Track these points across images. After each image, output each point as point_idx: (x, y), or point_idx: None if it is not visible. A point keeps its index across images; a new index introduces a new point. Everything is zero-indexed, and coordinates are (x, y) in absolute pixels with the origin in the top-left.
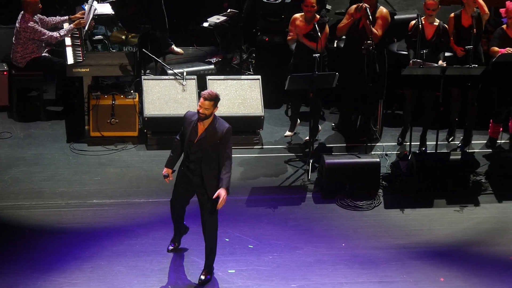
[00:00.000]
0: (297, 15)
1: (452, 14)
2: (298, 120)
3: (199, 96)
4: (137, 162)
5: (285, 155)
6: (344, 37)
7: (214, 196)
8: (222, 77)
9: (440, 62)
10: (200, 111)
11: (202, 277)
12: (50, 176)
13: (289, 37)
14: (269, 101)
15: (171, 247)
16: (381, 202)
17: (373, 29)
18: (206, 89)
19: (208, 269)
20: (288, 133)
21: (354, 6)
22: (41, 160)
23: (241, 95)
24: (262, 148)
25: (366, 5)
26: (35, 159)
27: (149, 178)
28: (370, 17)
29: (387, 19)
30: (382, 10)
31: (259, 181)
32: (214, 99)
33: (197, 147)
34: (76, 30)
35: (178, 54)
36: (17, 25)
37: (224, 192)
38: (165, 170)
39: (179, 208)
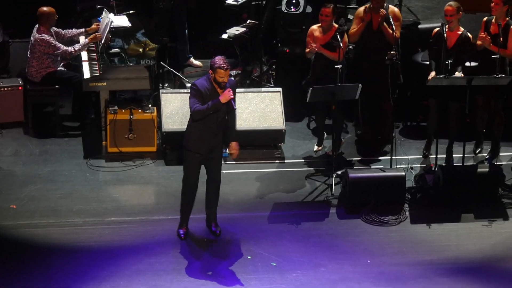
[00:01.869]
0: (314, 26)
1: (485, 18)
2: (325, 134)
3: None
4: (155, 178)
5: (307, 169)
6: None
7: (232, 150)
8: (242, 89)
9: (457, 73)
10: (225, 80)
11: (217, 231)
12: (67, 193)
13: (307, 50)
14: (290, 114)
15: (182, 233)
16: (407, 217)
17: (394, 34)
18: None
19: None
20: (316, 147)
21: (362, 8)
22: (58, 177)
23: (261, 108)
24: (284, 162)
25: (382, 11)
26: (52, 176)
27: (168, 194)
28: (391, 21)
29: (400, 18)
30: (394, 9)
31: (280, 196)
32: (229, 65)
33: (224, 108)
34: (92, 43)
35: (197, 67)
36: (32, 38)
37: (236, 144)
38: None
39: (196, 187)
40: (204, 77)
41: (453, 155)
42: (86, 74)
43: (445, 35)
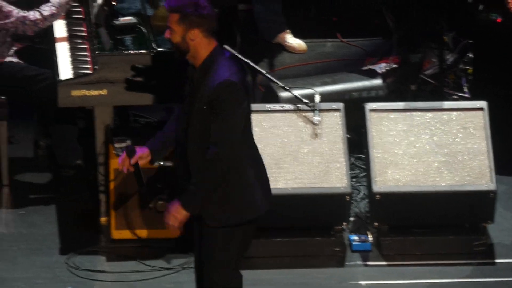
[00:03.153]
0: None
1: None
2: None
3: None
4: None
5: None
6: None
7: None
8: (400, 104)
9: None
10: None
11: None
12: None
13: None
14: (503, 159)
15: None
16: None
17: None
18: (365, 129)
19: None
20: None
21: None
22: None
23: (447, 143)
24: (494, 264)
25: None
26: None
27: None
28: None
29: None
30: None
31: None
32: (181, 9)
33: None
34: (77, 3)
35: (298, 53)
36: None
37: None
38: None
39: None
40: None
41: None
42: (65, 72)
43: None
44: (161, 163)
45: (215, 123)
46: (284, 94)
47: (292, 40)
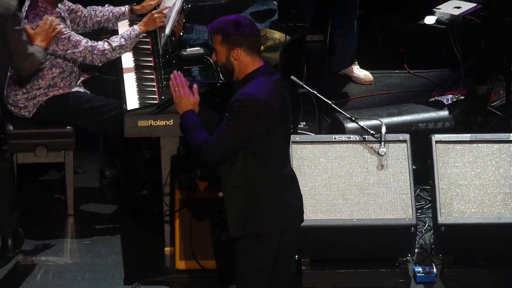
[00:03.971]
0: None
1: None
2: None
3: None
4: None
5: None
6: None
7: None
8: (467, 136)
9: None
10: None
11: None
12: None
13: None
14: None
15: None
16: None
17: None
18: (431, 160)
19: None
20: None
21: None
22: None
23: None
24: None
25: None
26: None
27: None
28: None
29: None
30: None
31: None
32: (222, 29)
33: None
34: (146, 34)
35: (365, 84)
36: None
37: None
38: None
39: None
40: None
41: None
42: (132, 102)
43: None
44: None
45: (223, 122)
46: (350, 124)
47: (359, 72)
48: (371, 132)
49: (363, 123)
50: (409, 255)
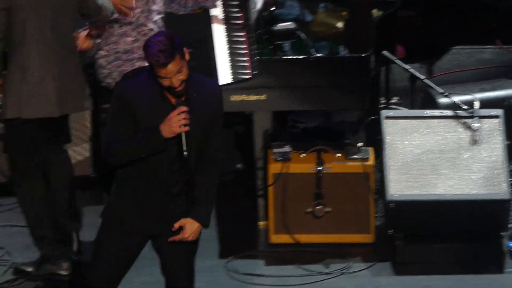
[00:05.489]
0: None
1: None
2: None
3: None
4: None
5: None
6: None
7: (175, 226)
8: None
9: None
10: (175, 84)
11: None
12: None
13: None
14: None
15: None
16: None
17: None
18: None
19: None
20: None
21: None
22: None
23: None
24: None
25: None
26: None
27: None
28: None
29: None
30: None
31: None
32: (175, 49)
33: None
34: (237, 9)
35: None
36: None
37: (194, 228)
38: None
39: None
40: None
41: None
42: (224, 77)
43: None
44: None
45: (214, 135)
46: (443, 100)
47: None
48: (464, 107)
49: (456, 98)
50: (503, 230)
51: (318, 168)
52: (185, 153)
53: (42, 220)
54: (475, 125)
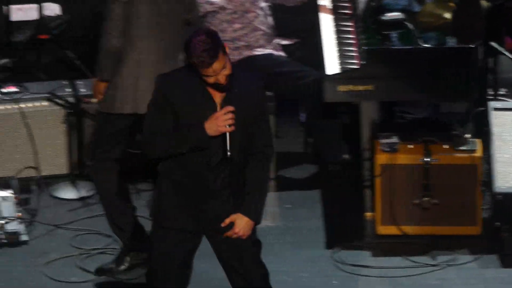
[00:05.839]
0: None
1: None
2: None
3: None
4: None
5: None
6: None
7: (226, 222)
8: None
9: None
10: (221, 80)
11: None
12: None
13: None
14: None
15: None
16: None
17: None
18: None
19: None
20: None
21: None
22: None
23: None
24: None
25: None
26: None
27: None
28: None
29: None
30: None
31: None
32: (218, 46)
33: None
34: None
35: None
36: None
37: (244, 223)
38: None
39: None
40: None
41: None
42: (332, 67)
43: None
44: None
45: (263, 120)
46: None
47: None
48: None
49: None
50: None
51: (426, 160)
52: (228, 153)
53: (125, 213)
54: None
